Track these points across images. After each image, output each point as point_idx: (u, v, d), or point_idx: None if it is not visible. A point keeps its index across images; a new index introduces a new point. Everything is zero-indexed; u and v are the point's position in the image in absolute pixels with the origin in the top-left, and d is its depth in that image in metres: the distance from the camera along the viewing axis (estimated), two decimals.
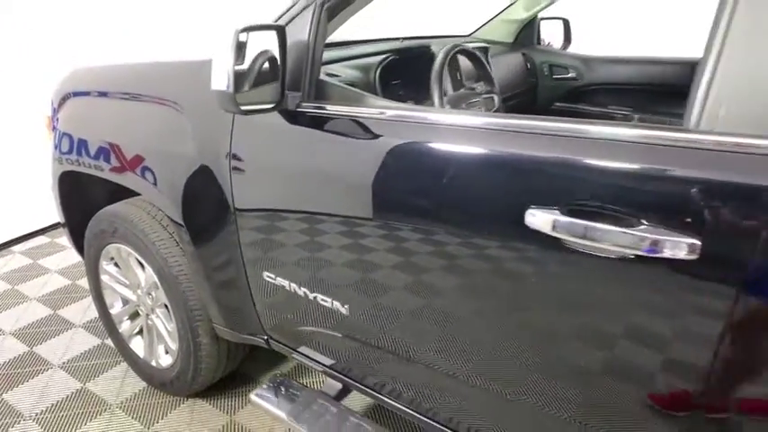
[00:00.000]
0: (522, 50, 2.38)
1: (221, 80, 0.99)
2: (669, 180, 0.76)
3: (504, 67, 2.24)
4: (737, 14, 0.71)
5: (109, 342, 2.12)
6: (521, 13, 2.34)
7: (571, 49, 2.56)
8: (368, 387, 1.32)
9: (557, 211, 0.83)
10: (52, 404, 1.83)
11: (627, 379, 0.87)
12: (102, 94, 1.71)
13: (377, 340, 1.21)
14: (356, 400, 1.74)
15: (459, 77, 1.68)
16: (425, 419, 1.22)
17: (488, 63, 2.00)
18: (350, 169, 1.11)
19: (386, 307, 1.14)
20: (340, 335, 1.28)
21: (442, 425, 1.19)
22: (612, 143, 0.81)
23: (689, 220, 0.73)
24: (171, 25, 3.53)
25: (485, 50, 2.04)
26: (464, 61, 1.78)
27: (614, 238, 0.78)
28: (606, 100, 2.28)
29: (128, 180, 1.60)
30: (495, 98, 1.68)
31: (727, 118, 0.72)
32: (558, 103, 2.34)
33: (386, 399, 1.29)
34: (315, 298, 1.27)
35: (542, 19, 2.47)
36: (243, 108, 1.04)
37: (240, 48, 0.98)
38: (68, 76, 1.83)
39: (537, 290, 0.91)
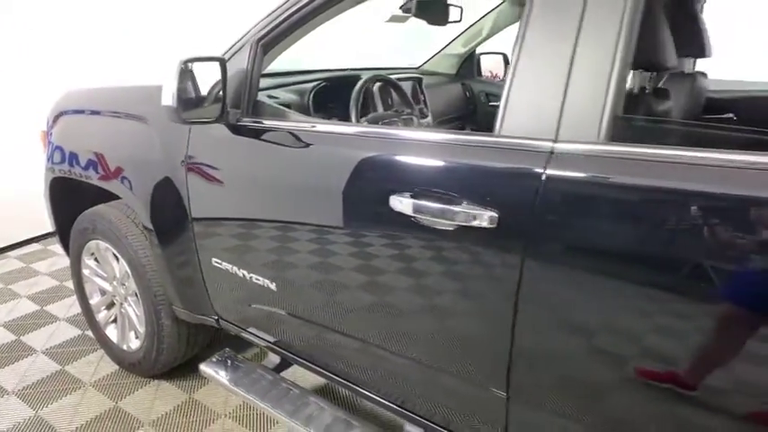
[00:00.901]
0: (463, 81, 2.71)
1: (168, 98, 1.28)
2: (479, 170, 1.04)
3: (446, 95, 2.55)
4: (521, 59, 1.01)
5: (88, 333, 2.37)
6: (459, 49, 2.67)
7: None
8: (298, 356, 1.58)
9: (408, 197, 1.10)
10: (33, 382, 2.08)
11: (448, 319, 1.13)
12: (90, 112, 2.01)
13: (298, 311, 1.47)
14: (297, 376, 1.97)
15: (390, 102, 1.99)
16: (334, 377, 1.48)
17: (421, 91, 2.32)
18: (278, 170, 1.39)
19: (301, 282, 1.41)
20: (271, 309, 1.54)
21: (351, 383, 1.45)
22: (444, 145, 1.10)
23: (490, 198, 1.01)
24: (170, 25, 3.70)
25: (418, 81, 2.37)
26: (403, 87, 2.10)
27: (443, 216, 1.05)
28: None
29: (112, 186, 1.87)
30: (415, 119, 1.98)
31: (515, 126, 1.01)
32: None
33: (310, 365, 1.55)
34: (251, 278, 1.53)
35: (481, 54, 2.80)
36: (186, 120, 1.34)
37: (183, 74, 1.28)
38: (62, 96, 2.14)
39: (401, 256, 1.18)
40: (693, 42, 1.67)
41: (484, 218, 1.01)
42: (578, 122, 0.94)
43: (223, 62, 1.39)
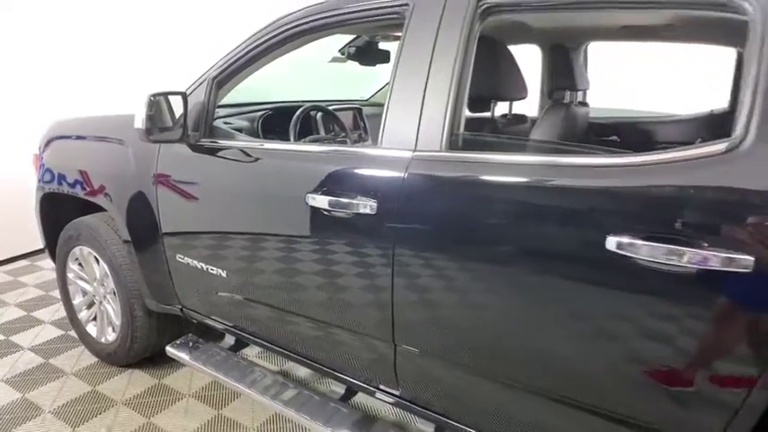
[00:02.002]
0: None
1: (139, 122, 1.66)
2: (367, 172, 1.43)
3: None
4: (393, 96, 1.41)
5: (71, 333, 2.66)
6: None
7: None
8: (244, 332, 1.92)
9: (319, 194, 1.47)
10: (20, 372, 2.37)
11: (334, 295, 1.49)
12: (77, 137, 2.37)
13: (244, 292, 1.82)
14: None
15: (331, 127, 2.39)
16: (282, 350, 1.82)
17: (361, 119, 2.74)
18: (229, 179, 1.77)
19: (245, 268, 1.76)
20: (222, 293, 1.88)
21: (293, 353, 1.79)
22: (347, 155, 1.49)
23: (372, 192, 1.38)
24: (168, 31, 3.99)
25: (359, 110, 2.78)
26: (345, 116, 2.51)
27: (342, 207, 1.43)
28: None
29: (98, 199, 2.21)
30: (349, 141, 2.38)
31: (390, 140, 1.40)
32: None
33: (255, 338, 1.88)
34: (207, 269, 1.88)
35: None
36: (153, 140, 1.71)
37: (151, 104, 1.66)
38: (52, 124, 2.50)
39: (318, 240, 1.54)
40: (568, 79, 2.10)
41: (367, 206, 1.38)
42: (428, 137, 1.33)
43: (184, 95, 1.77)
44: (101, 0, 3.82)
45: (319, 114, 2.33)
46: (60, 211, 2.52)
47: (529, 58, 2.28)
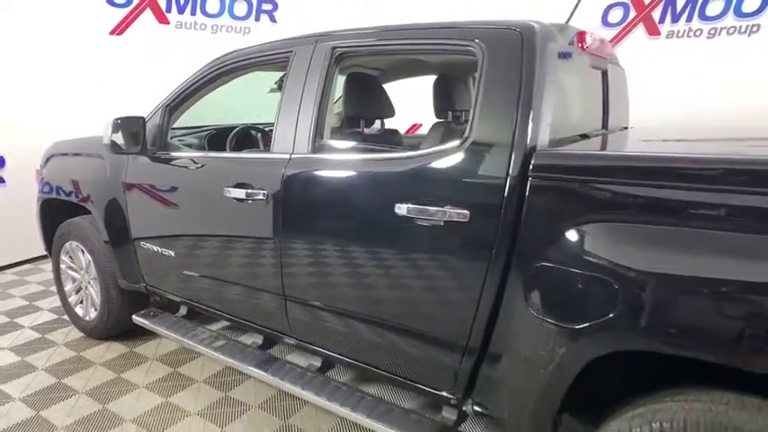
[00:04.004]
0: None
1: (107, 139, 2.25)
2: (262, 170, 1.99)
3: None
4: (280, 115, 1.98)
5: (64, 317, 3.22)
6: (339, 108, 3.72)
7: None
8: (193, 302, 2.47)
9: (231, 188, 2.04)
10: (21, 343, 2.93)
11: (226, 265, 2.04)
12: (71, 154, 2.98)
13: (187, 268, 2.37)
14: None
15: (269, 143, 2.97)
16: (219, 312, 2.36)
17: None
18: (177, 181, 2.34)
19: (186, 250, 2.32)
20: (173, 270, 2.44)
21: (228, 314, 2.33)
22: (251, 159, 2.06)
23: (264, 184, 1.95)
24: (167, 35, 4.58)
25: None
26: None
27: (247, 196, 1.98)
28: None
29: (88, 205, 2.80)
30: None
31: (277, 147, 1.97)
32: None
33: (200, 306, 2.43)
34: (161, 251, 2.44)
35: None
36: (118, 153, 2.30)
37: (115, 126, 2.25)
38: (51, 145, 3.11)
39: (233, 221, 2.10)
40: (447, 103, 2.65)
41: (260, 195, 1.94)
42: (301, 143, 1.90)
43: (143, 119, 2.36)
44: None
45: (259, 134, 2.92)
46: (54, 214, 3.10)
47: None
